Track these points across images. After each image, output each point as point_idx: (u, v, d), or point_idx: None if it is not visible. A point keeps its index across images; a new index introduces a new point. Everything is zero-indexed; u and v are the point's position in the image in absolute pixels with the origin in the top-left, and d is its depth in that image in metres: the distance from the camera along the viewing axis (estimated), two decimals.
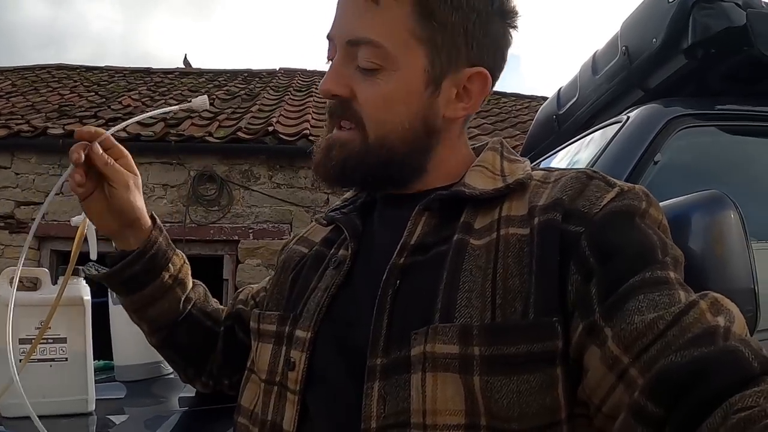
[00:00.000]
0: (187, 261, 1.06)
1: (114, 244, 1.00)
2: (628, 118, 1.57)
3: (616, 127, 1.58)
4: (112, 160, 0.93)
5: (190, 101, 1.07)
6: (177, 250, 1.04)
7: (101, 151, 0.92)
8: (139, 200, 0.97)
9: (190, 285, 1.06)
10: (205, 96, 1.09)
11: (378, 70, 0.77)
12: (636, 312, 0.63)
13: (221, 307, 1.11)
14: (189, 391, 1.16)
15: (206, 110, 7.59)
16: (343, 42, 0.79)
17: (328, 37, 0.83)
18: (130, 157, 0.97)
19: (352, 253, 0.83)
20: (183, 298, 1.03)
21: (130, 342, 1.29)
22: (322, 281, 0.83)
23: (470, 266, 0.72)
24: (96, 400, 1.12)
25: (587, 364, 0.65)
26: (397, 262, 0.76)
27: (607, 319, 0.64)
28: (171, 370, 1.30)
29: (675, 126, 1.51)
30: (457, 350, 0.67)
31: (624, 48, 1.92)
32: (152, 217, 1.01)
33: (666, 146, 1.47)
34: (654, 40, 1.78)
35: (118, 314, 1.30)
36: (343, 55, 0.80)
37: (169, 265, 1.01)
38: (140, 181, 0.99)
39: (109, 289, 1.25)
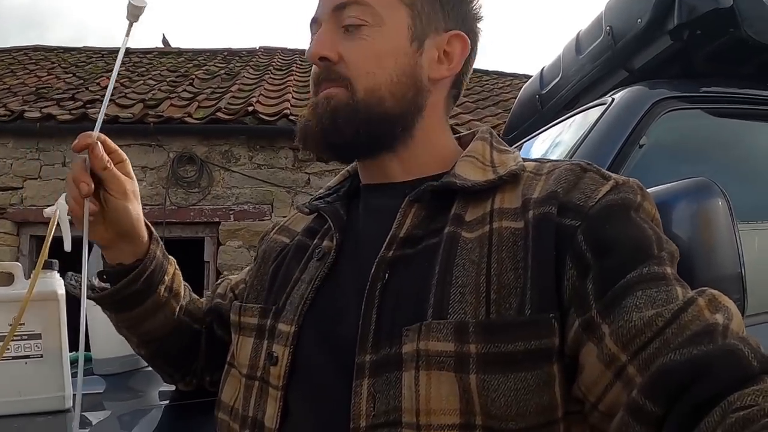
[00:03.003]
0: (177, 267, 1.03)
1: (105, 257, 0.96)
2: (613, 100, 1.55)
3: (601, 109, 1.56)
4: (112, 164, 0.89)
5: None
6: (170, 257, 1.01)
7: (102, 153, 0.88)
8: (136, 209, 0.93)
9: (182, 292, 1.03)
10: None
11: (364, 26, 0.79)
12: (634, 309, 0.62)
13: (202, 300, 1.09)
14: (169, 385, 1.14)
15: (186, 90, 7.50)
16: (329, 10, 0.81)
17: (314, 20, 0.84)
18: (128, 162, 0.94)
19: (337, 244, 0.81)
20: (177, 309, 1.00)
21: (108, 335, 1.26)
22: (306, 273, 0.81)
23: (463, 260, 0.70)
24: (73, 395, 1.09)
25: (583, 361, 0.64)
26: (386, 254, 0.74)
27: (604, 315, 0.63)
28: None
29: (660, 109, 1.49)
30: (452, 348, 0.65)
31: (608, 28, 1.88)
32: (147, 227, 0.97)
33: (651, 129, 1.46)
34: (639, 20, 1.74)
35: (95, 306, 1.27)
36: (330, 22, 0.81)
37: (165, 276, 0.98)
38: (137, 188, 0.95)
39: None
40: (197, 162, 6.59)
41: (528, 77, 2.60)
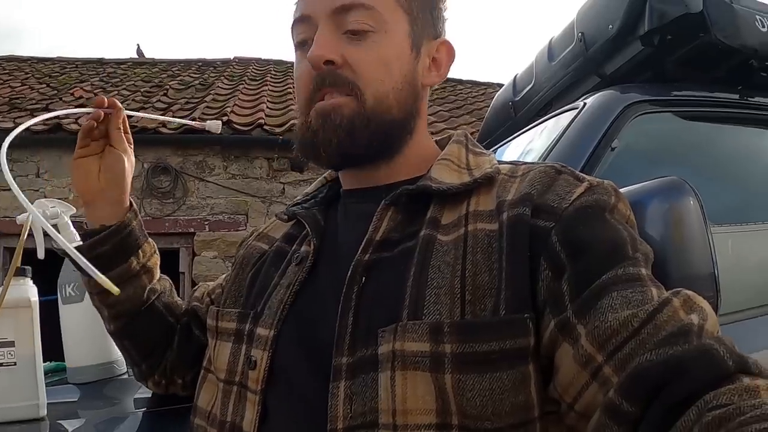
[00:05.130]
0: (157, 252, 1.03)
1: (85, 214, 0.98)
2: (585, 104, 1.57)
3: (572, 113, 1.57)
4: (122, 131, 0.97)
5: (205, 123, 1.14)
6: (149, 239, 1.01)
7: (124, 117, 0.96)
8: (128, 176, 0.98)
9: (158, 276, 1.03)
10: (219, 122, 1.16)
11: (369, 32, 0.79)
12: (609, 309, 0.62)
13: (183, 303, 1.07)
14: (144, 392, 1.12)
15: (160, 101, 7.46)
16: (329, 12, 0.79)
17: (303, 17, 0.82)
18: (130, 136, 0.99)
19: (314, 249, 0.81)
20: (148, 288, 0.99)
21: (82, 342, 1.25)
22: (285, 278, 0.81)
23: (438, 262, 0.70)
24: (48, 404, 1.07)
25: (559, 362, 0.64)
26: (362, 258, 0.74)
27: (579, 316, 0.63)
28: (125, 370, 1.27)
29: (632, 112, 1.50)
30: (428, 348, 0.65)
31: (580, 34, 1.90)
32: (130, 202, 0.99)
33: (623, 132, 1.47)
34: (610, 26, 1.76)
35: (68, 314, 1.25)
36: (329, 24, 0.79)
37: (139, 251, 0.98)
38: (134, 164, 1.00)
39: (58, 289, 1.20)
40: (172, 172, 6.54)
41: (501, 86, 2.62)
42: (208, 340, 0.88)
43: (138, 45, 11.24)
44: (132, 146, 1.00)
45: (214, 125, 1.13)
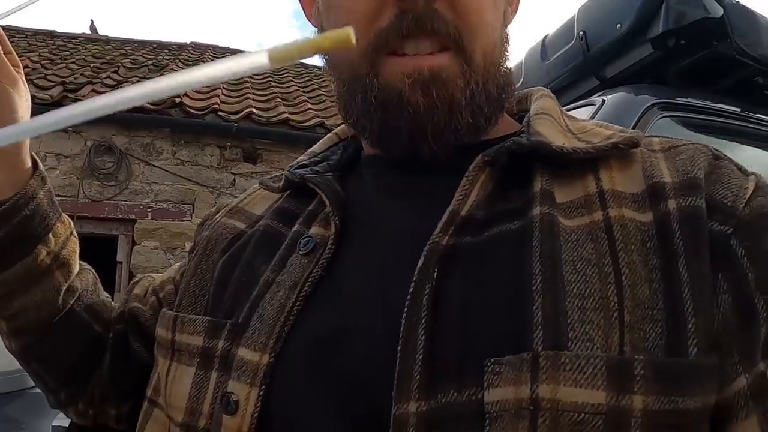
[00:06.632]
0: (75, 232, 0.75)
1: None
2: (604, 101, 1.43)
3: (590, 109, 1.44)
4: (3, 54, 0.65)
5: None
6: (63, 214, 0.73)
7: (3, 37, 0.65)
8: (23, 111, 0.67)
9: (76, 269, 0.74)
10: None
11: None
12: None
13: (114, 303, 0.79)
14: (63, 417, 0.87)
15: (110, 77, 7.15)
16: None
17: None
18: (23, 75, 0.68)
19: (336, 232, 0.56)
20: (64, 288, 0.71)
21: None
22: (285, 274, 0.56)
23: (572, 257, 0.47)
24: None
25: None
26: (439, 242, 0.49)
27: None
28: None
29: (652, 115, 1.40)
30: (603, 399, 0.41)
31: (581, 33, 1.79)
32: (33, 161, 0.69)
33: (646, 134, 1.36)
34: (618, 25, 1.66)
35: None
36: None
37: (50, 236, 0.69)
38: (30, 101, 0.69)
39: None
40: (116, 153, 6.20)
41: None
42: (156, 359, 0.63)
43: (92, 21, 10.91)
44: (22, 75, 0.68)
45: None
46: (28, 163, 0.68)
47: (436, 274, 0.48)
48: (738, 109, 1.68)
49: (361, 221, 0.58)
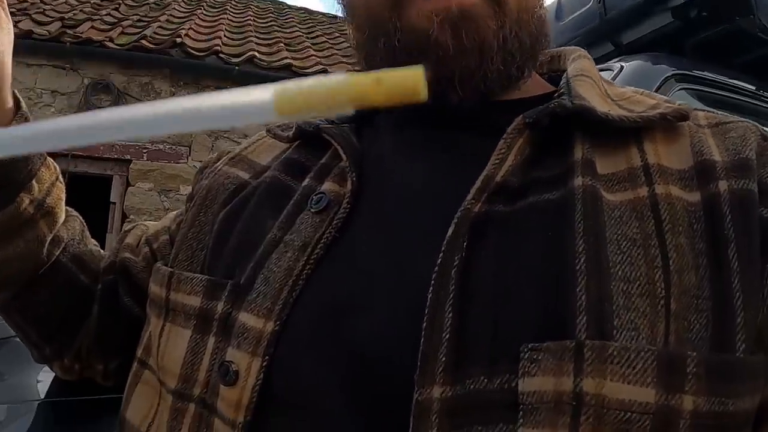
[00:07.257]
0: (61, 178, 0.69)
1: None
2: (622, 67, 1.39)
3: (606, 75, 1.39)
4: None
5: None
6: (48, 159, 0.67)
7: None
8: (5, 58, 0.60)
9: (62, 217, 0.69)
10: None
11: None
12: None
13: (103, 252, 0.75)
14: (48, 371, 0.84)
15: (110, 14, 7.02)
16: None
17: None
18: (5, 5, 0.62)
19: (352, 189, 0.51)
20: (49, 239, 0.67)
21: None
22: (294, 232, 0.51)
23: (617, 235, 0.43)
24: None
25: None
26: (471, 209, 0.44)
27: None
28: None
29: (671, 85, 1.36)
30: (652, 398, 0.38)
31: None
32: (16, 99, 0.63)
33: None
34: None
35: None
36: None
37: (33, 182, 0.63)
38: (12, 35, 0.62)
39: None
40: (114, 92, 6.11)
41: None
42: (148, 316, 0.59)
43: None
44: (8, 17, 0.62)
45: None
46: (10, 103, 0.62)
47: (465, 244, 0.43)
48: (753, 87, 1.64)
49: (379, 179, 0.53)
